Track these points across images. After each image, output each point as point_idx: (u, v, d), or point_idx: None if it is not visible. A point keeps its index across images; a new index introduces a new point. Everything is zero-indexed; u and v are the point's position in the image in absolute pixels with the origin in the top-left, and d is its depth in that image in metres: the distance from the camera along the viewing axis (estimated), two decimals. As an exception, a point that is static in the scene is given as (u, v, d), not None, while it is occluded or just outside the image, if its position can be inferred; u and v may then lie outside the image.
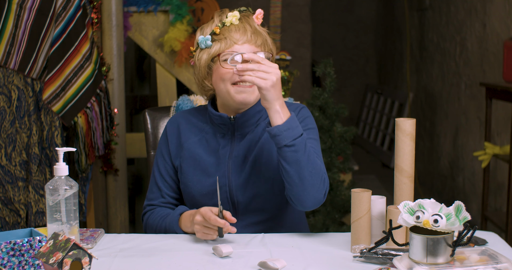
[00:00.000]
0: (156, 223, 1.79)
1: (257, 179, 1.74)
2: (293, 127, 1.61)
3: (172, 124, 1.86)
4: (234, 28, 1.70)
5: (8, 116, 2.70)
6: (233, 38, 1.69)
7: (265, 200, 1.75)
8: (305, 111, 1.81)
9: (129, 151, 3.48)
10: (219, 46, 1.70)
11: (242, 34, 1.70)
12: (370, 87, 7.35)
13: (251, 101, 1.73)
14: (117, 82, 3.18)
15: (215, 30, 1.71)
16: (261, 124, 1.79)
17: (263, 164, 1.74)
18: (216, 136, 1.79)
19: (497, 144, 3.80)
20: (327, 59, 3.51)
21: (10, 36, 2.68)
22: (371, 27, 7.91)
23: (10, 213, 2.74)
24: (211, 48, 1.72)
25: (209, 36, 1.71)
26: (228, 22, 1.71)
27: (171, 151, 1.83)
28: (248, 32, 1.71)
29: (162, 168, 1.84)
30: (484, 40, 4.13)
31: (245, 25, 1.71)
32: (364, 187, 1.71)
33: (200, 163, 1.78)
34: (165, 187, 1.84)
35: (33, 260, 1.43)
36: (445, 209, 1.34)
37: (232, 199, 1.76)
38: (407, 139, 1.56)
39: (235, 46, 1.69)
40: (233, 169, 1.75)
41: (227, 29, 1.71)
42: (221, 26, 1.71)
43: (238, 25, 1.71)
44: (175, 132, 1.84)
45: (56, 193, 1.50)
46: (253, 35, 1.71)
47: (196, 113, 1.86)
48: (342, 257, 1.54)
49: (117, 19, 3.16)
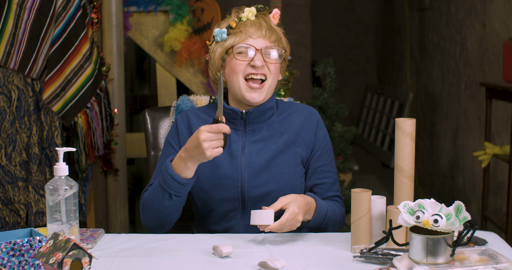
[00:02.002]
0: (152, 191, 1.72)
1: (270, 178, 1.76)
2: (319, 219, 1.76)
3: (182, 118, 1.86)
4: (250, 23, 1.76)
5: (8, 116, 2.70)
6: (248, 32, 1.75)
7: (274, 200, 1.76)
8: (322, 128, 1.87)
9: (129, 151, 3.48)
10: (233, 39, 1.75)
11: (257, 29, 1.75)
12: (370, 87, 7.35)
13: (259, 101, 1.77)
14: (117, 82, 3.18)
15: (231, 24, 1.76)
16: (273, 122, 1.81)
17: (277, 166, 1.77)
18: None
19: (497, 144, 3.80)
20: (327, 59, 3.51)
21: (10, 36, 2.68)
22: (371, 27, 7.91)
23: (10, 213, 2.74)
24: (226, 41, 1.77)
25: (225, 29, 1.77)
26: (244, 17, 1.76)
27: (182, 142, 1.82)
28: (263, 28, 1.76)
29: (169, 154, 1.81)
30: (484, 40, 4.13)
31: (261, 21, 1.77)
32: (364, 187, 1.72)
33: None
34: None
35: (33, 260, 1.43)
36: (445, 209, 1.34)
37: (242, 195, 1.77)
38: (407, 139, 1.56)
39: (249, 39, 1.74)
40: (246, 165, 1.76)
41: (243, 24, 1.76)
42: (237, 20, 1.76)
43: (254, 21, 1.76)
44: (186, 125, 1.84)
45: (56, 193, 1.50)
46: (268, 31, 1.76)
47: (206, 110, 1.88)
48: (342, 257, 1.54)
49: (117, 19, 3.16)
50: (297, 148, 1.80)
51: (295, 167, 1.79)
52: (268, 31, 1.76)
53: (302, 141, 1.81)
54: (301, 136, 1.81)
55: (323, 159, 1.83)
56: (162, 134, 2.08)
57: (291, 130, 1.81)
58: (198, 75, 3.56)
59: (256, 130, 1.80)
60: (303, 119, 1.83)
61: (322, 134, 1.85)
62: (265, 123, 1.81)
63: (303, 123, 1.83)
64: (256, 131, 1.80)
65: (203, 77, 3.55)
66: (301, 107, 1.87)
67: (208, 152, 1.57)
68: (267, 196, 1.76)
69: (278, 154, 1.78)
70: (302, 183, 1.81)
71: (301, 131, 1.82)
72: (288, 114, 1.84)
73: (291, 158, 1.79)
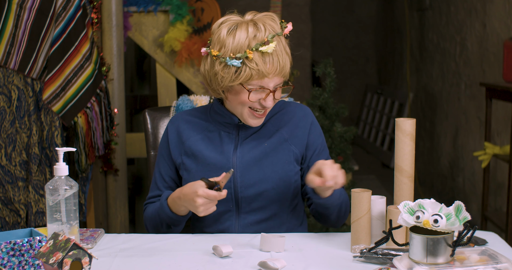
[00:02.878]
0: (151, 215, 1.81)
1: (262, 177, 1.76)
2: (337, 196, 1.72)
3: (172, 124, 1.86)
4: (267, 59, 1.65)
5: (8, 116, 2.70)
6: (265, 71, 1.65)
7: (268, 199, 1.76)
8: (316, 125, 1.86)
9: (129, 151, 3.48)
10: (250, 74, 1.65)
11: (274, 68, 1.66)
12: (370, 87, 7.35)
13: (261, 123, 1.78)
14: (117, 82, 3.18)
15: (249, 55, 1.63)
16: (267, 123, 1.81)
17: (270, 164, 1.77)
18: (220, 134, 1.80)
19: (497, 144, 3.80)
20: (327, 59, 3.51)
21: (10, 36, 2.68)
22: (371, 27, 7.91)
23: (10, 213, 2.74)
24: (241, 72, 1.65)
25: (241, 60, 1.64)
26: (266, 49, 1.64)
27: (172, 150, 1.83)
28: (279, 65, 1.66)
29: (162, 168, 1.86)
30: (484, 40, 4.13)
31: (278, 56, 1.66)
32: (364, 187, 1.72)
33: (203, 159, 1.78)
34: (163, 187, 1.85)
35: (33, 260, 1.43)
36: (445, 209, 1.34)
37: (236, 195, 1.77)
38: (407, 139, 1.56)
39: (265, 79, 1.66)
40: (238, 166, 1.76)
41: (260, 57, 1.64)
42: (254, 49, 1.64)
43: (271, 55, 1.65)
44: (175, 132, 1.84)
45: (56, 193, 1.50)
46: (283, 68, 1.67)
47: (196, 113, 1.87)
48: (342, 257, 1.54)
49: (117, 19, 3.16)
50: (290, 146, 1.79)
51: (288, 165, 1.78)
52: (283, 68, 1.67)
53: (295, 138, 1.80)
54: (294, 134, 1.81)
55: (323, 155, 1.83)
56: (162, 134, 2.08)
57: (284, 128, 1.81)
58: (198, 75, 3.56)
59: (250, 132, 1.80)
60: (296, 117, 1.83)
61: (317, 131, 1.84)
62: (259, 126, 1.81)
63: (296, 121, 1.82)
64: (249, 132, 1.80)
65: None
66: (294, 105, 1.86)
67: (202, 213, 1.64)
68: (260, 196, 1.76)
69: (270, 152, 1.77)
70: (296, 181, 1.80)
71: (294, 129, 1.81)
72: (281, 113, 1.84)
73: (284, 156, 1.78)
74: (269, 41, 1.64)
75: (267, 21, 1.68)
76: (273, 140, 1.79)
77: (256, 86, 1.67)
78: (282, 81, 1.70)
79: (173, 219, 1.73)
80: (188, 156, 1.80)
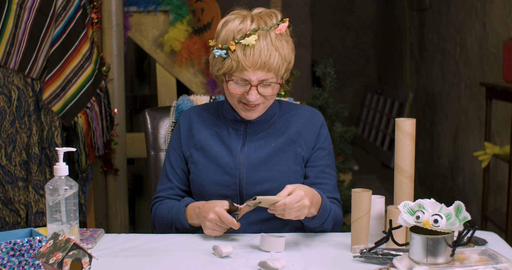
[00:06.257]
0: (163, 214, 1.81)
1: (268, 176, 1.76)
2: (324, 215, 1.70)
3: (185, 117, 1.88)
4: (249, 51, 1.65)
5: (8, 116, 2.70)
6: (245, 65, 1.65)
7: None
8: (325, 130, 1.86)
9: (129, 151, 3.48)
10: (231, 65, 1.67)
11: (255, 61, 1.65)
12: (370, 87, 7.35)
13: (255, 117, 1.77)
14: (117, 82, 3.19)
15: (231, 46, 1.65)
16: (275, 122, 1.82)
17: (276, 164, 1.77)
18: (228, 131, 1.81)
19: (497, 144, 3.80)
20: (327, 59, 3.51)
21: (10, 36, 2.68)
22: (371, 27, 7.91)
23: (10, 213, 2.74)
24: (224, 63, 1.68)
25: (225, 51, 1.67)
26: (245, 42, 1.64)
27: (182, 142, 1.85)
28: (260, 59, 1.65)
29: (173, 160, 1.86)
30: (484, 40, 4.13)
31: (261, 50, 1.65)
32: (364, 187, 1.72)
33: (211, 153, 1.80)
34: (175, 179, 1.85)
35: (33, 260, 1.43)
36: (445, 209, 1.34)
37: (241, 192, 1.77)
38: (407, 139, 1.56)
39: (245, 72, 1.66)
40: (244, 162, 1.76)
41: (242, 50, 1.65)
42: (237, 41, 1.65)
43: (252, 49, 1.64)
44: (187, 124, 1.86)
45: (56, 193, 1.50)
46: (265, 63, 1.65)
47: (208, 108, 1.89)
48: (342, 257, 1.54)
49: (117, 19, 3.16)
50: (298, 148, 1.80)
51: (294, 166, 1.79)
52: (265, 62, 1.65)
53: (303, 141, 1.81)
54: (302, 136, 1.81)
55: (325, 159, 1.83)
56: (162, 134, 2.08)
57: (292, 129, 1.81)
58: (198, 75, 3.56)
59: (257, 130, 1.81)
60: (306, 120, 1.83)
61: (325, 136, 1.84)
62: (267, 123, 1.82)
63: (305, 124, 1.82)
64: (257, 130, 1.81)
65: (203, 77, 3.55)
66: (305, 108, 1.87)
67: (207, 230, 1.66)
68: (265, 194, 1.76)
69: (277, 152, 1.78)
70: (301, 183, 1.81)
71: (303, 132, 1.82)
72: (291, 115, 1.84)
73: (290, 157, 1.79)
74: (250, 34, 1.65)
75: (263, 16, 1.69)
76: (281, 140, 1.79)
77: (238, 78, 1.68)
78: (269, 77, 1.68)
79: (185, 227, 1.75)
80: (197, 149, 1.82)
